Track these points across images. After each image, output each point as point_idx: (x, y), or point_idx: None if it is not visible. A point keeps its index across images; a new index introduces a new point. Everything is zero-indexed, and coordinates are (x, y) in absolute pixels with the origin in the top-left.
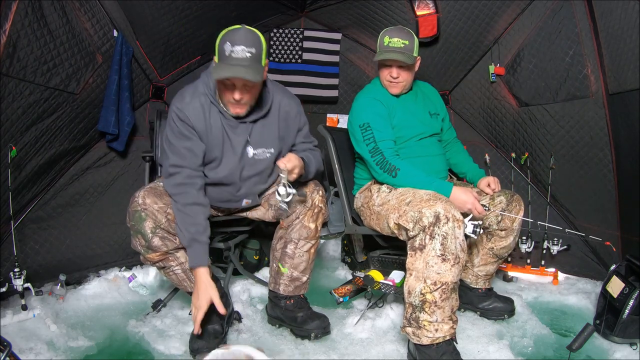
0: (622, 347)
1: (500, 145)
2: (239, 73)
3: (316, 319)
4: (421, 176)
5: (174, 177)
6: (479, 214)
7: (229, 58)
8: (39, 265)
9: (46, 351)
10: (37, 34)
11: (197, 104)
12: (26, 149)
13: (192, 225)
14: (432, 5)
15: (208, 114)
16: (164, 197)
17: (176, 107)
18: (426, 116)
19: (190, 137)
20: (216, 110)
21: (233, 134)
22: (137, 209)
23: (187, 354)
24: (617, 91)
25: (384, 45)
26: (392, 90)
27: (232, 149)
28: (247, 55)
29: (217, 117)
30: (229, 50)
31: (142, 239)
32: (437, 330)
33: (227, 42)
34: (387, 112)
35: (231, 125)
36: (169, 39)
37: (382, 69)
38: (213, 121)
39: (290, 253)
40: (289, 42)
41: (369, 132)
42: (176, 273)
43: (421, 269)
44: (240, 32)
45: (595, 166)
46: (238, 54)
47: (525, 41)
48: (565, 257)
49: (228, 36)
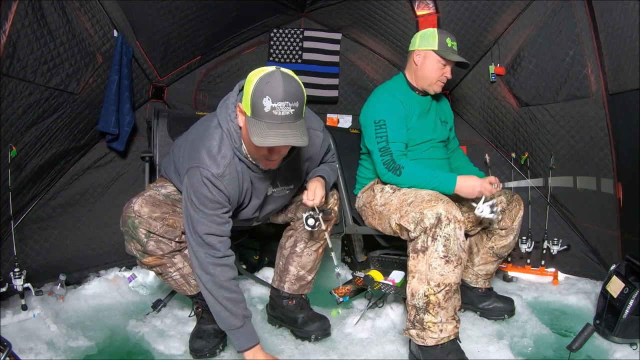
0: (622, 347)
1: (500, 145)
2: (289, 140)
3: (317, 321)
4: (425, 171)
5: (213, 250)
6: (490, 193)
7: (269, 115)
8: (39, 265)
9: (46, 351)
10: (37, 34)
11: (234, 171)
12: (26, 149)
13: (239, 303)
14: (432, 5)
15: (241, 176)
16: (163, 207)
17: (211, 175)
18: (438, 123)
19: (225, 205)
20: (244, 166)
21: (259, 181)
22: (130, 216)
23: (187, 354)
24: (617, 91)
25: (447, 46)
26: (436, 89)
27: (256, 195)
28: (291, 112)
29: (246, 173)
30: (270, 106)
31: (137, 243)
32: (441, 331)
33: (267, 97)
34: (405, 113)
35: (257, 175)
36: (169, 39)
37: (437, 68)
38: (244, 179)
39: (299, 252)
40: (289, 42)
41: (382, 130)
42: (174, 279)
43: (424, 271)
44: (279, 83)
45: (595, 166)
46: (281, 111)
47: (525, 41)
48: (565, 257)
49: (264, 87)
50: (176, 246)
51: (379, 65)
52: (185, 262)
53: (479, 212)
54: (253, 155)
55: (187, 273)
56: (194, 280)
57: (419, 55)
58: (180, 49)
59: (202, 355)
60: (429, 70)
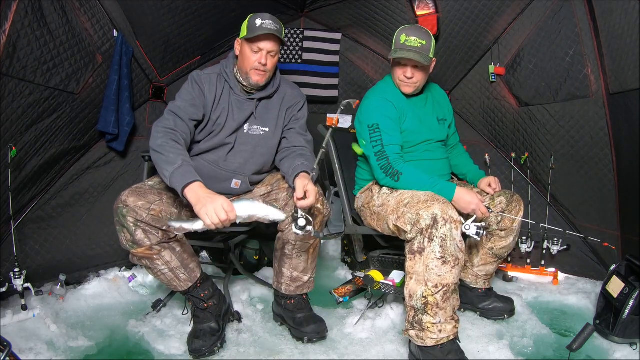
0: (622, 347)
1: (500, 145)
2: (270, 32)
3: (313, 323)
4: (424, 178)
5: (166, 122)
6: (483, 215)
7: (260, 28)
8: (39, 265)
9: (46, 351)
10: (37, 34)
11: (214, 77)
12: (26, 149)
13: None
14: (432, 5)
15: (220, 88)
16: (148, 196)
17: (195, 73)
18: (434, 122)
19: (196, 97)
20: (228, 86)
21: (238, 109)
22: (119, 206)
23: (187, 354)
24: (617, 91)
25: (400, 43)
26: (404, 90)
27: (233, 122)
28: (275, 27)
29: (227, 92)
30: (260, 23)
31: (127, 233)
32: (440, 331)
33: (258, 18)
34: (398, 114)
35: (238, 100)
36: (169, 39)
37: (397, 68)
38: (222, 95)
39: (289, 254)
40: (289, 42)
41: (377, 134)
42: (164, 273)
43: (422, 272)
44: (266, 14)
45: (595, 166)
46: (267, 25)
47: (525, 41)
48: (565, 257)
49: (257, 15)
50: (163, 237)
51: (379, 65)
52: (174, 256)
53: (465, 229)
54: (245, 69)
55: (175, 267)
56: (184, 274)
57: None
58: (180, 49)
59: (202, 355)
60: (393, 74)
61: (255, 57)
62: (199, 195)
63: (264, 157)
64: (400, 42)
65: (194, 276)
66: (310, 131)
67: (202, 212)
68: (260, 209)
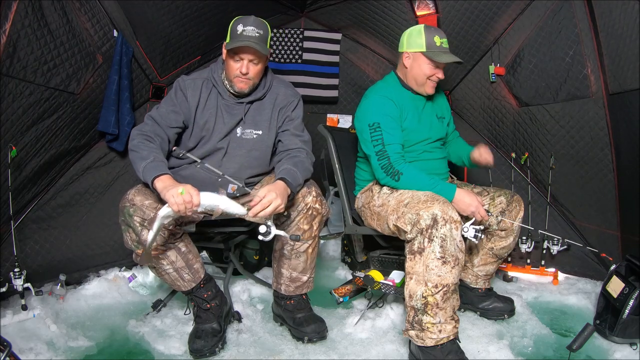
0: (622, 347)
1: (501, 145)
2: (250, 44)
3: (312, 323)
4: (424, 179)
5: (144, 126)
6: (482, 218)
7: (240, 35)
8: (39, 265)
9: (46, 351)
10: (37, 34)
11: (199, 82)
12: (26, 149)
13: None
14: (432, 5)
15: (206, 93)
16: (154, 195)
17: (180, 79)
18: (434, 121)
19: (178, 104)
20: (215, 91)
21: (227, 113)
22: (125, 205)
23: (187, 354)
24: (617, 91)
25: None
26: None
27: (224, 126)
28: (257, 35)
29: (215, 97)
30: (241, 29)
31: (132, 232)
32: (440, 331)
33: (240, 24)
34: (399, 113)
35: (227, 105)
36: (169, 39)
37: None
38: (209, 100)
39: (287, 254)
40: (289, 42)
41: (377, 133)
42: (168, 273)
43: (421, 272)
44: (250, 17)
45: (595, 166)
46: (249, 32)
47: (525, 41)
48: (565, 257)
49: (240, 20)
50: (169, 237)
51: (379, 65)
52: (179, 256)
53: (463, 232)
54: (229, 77)
55: (180, 267)
56: (188, 274)
57: (407, 57)
58: (180, 49)
59: (202, 355)
60: (418, 73)
61: (237, 65)
62: (166, 183)
63: (259, 161)
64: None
65: (198, 277)
66: (310, 131)
67: (168, 194)
68: (223, 202)
